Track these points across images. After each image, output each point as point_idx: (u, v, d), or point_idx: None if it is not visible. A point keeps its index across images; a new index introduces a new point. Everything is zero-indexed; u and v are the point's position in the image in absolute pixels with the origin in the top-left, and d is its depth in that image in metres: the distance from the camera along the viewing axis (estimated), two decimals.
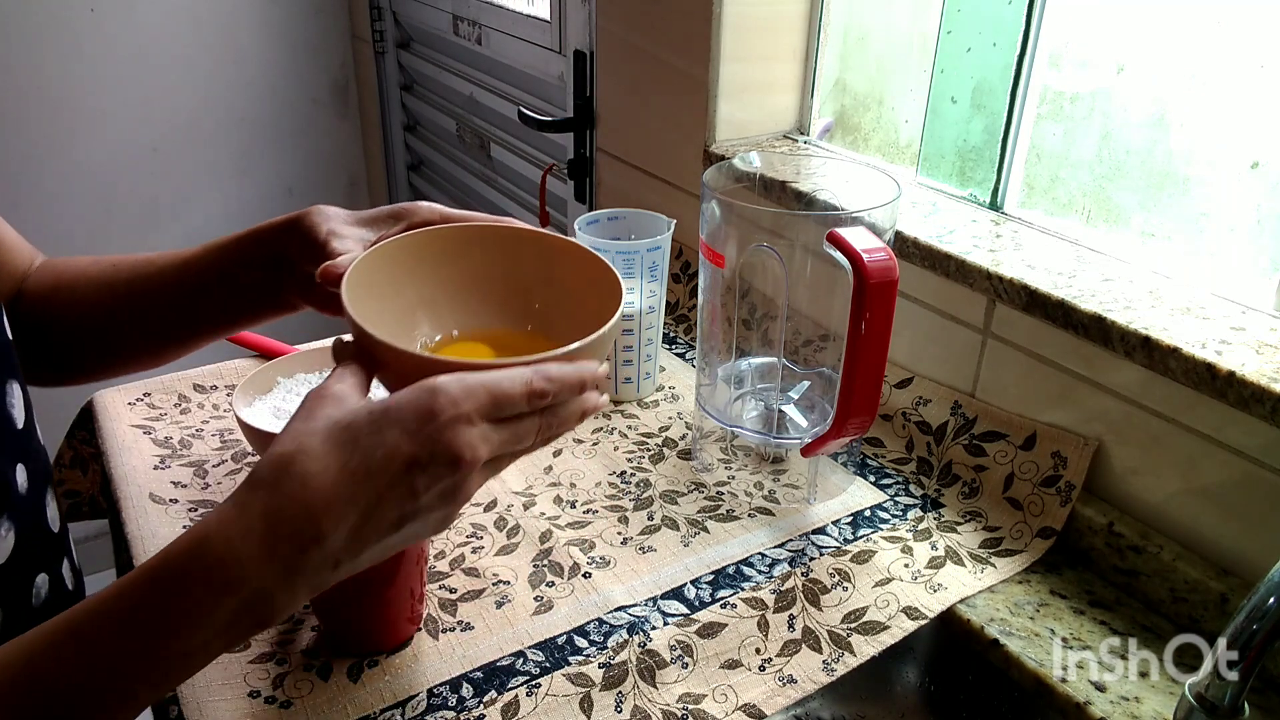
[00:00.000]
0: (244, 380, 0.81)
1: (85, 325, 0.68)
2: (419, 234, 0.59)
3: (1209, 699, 0.53)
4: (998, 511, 0.78)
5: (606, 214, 0.94)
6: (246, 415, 0.78)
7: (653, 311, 0.92)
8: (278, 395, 0.84)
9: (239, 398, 0.80)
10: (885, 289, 0.64)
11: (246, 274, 0.64)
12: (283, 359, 0.87)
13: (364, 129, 2.21)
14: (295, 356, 0.87)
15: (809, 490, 0.80)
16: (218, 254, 0.64)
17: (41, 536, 0.61)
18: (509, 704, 0.61)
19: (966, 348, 0.83)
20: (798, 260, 0.76)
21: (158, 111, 1.94)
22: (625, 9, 1.18)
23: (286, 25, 2.04)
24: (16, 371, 0.60)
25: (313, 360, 0.88)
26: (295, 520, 0.42)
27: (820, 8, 1.04)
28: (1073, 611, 0.69)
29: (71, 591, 0.65)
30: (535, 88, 1.52)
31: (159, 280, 0.66)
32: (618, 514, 0.78)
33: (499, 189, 1.74)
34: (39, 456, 0.62)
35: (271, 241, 0.62)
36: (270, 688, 0.61)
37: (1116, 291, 0.72)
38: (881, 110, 1.03)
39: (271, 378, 0.84)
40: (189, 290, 0.65)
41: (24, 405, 0.60)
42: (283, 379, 0.85)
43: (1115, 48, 0.79)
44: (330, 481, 0.43)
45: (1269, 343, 0.64)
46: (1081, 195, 0.83)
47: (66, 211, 1.90)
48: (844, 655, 0.66)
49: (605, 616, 0.67)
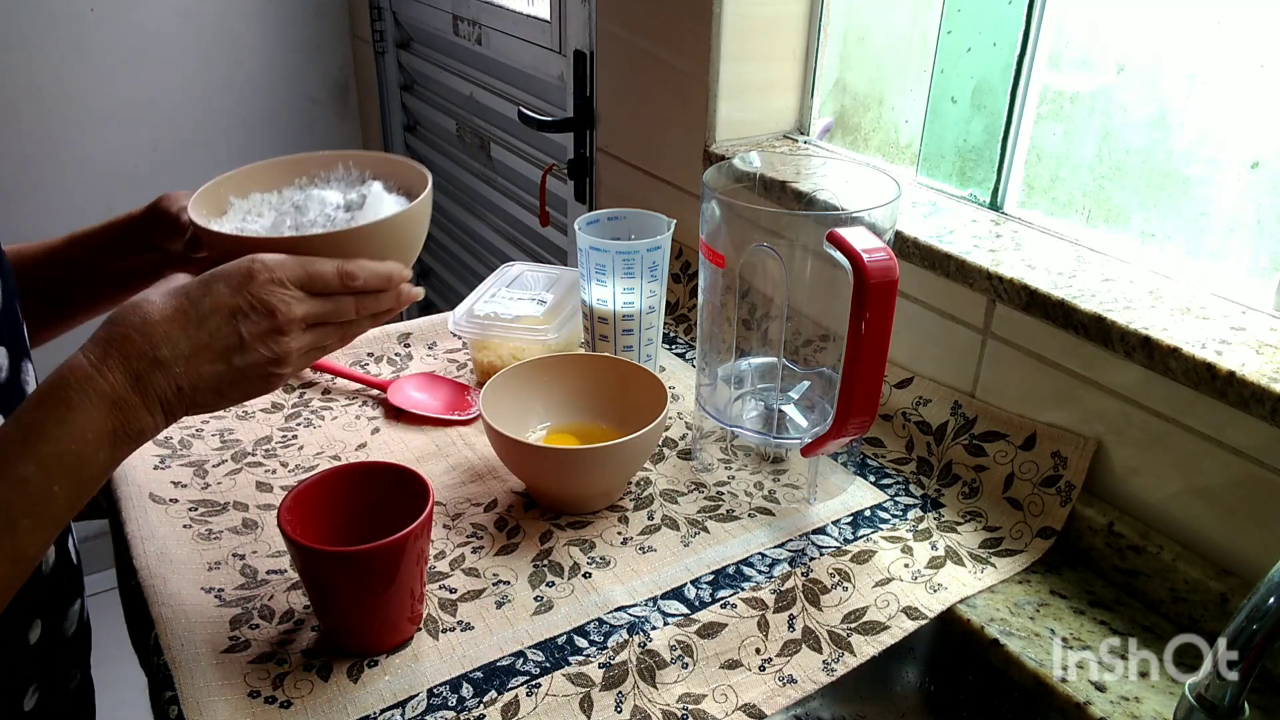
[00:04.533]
0: (192, 199, 0.65)
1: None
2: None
3: (1209, 699, 0.53)
4: (998, 511, 0.78)
5: (606, 214, 0.94)
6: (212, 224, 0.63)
7: (653, 311, 0.92)
8: (234, 216, 0.67)
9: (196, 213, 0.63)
10: (885, 289, 0.64)
11: (114, 263, 0.73)
12: (236, 173, 0.70)
13: (364, 129, 2.21)
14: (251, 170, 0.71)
15: (809, 490, 0.80)
16: (81, 248, 0.73)
17: None
18: (509, 704, 0.61)
19: (966, 348, 0.83)
20: (798, 260, 0.76)
21: (158, 111, 1.94)
22: (625, 9, 1.18)
23: (286, 25, 2.04)
24: (29, 352, 0.65)
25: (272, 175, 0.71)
26: (134, 340, 0.52)
27: (820, 8, 1.04)
28: (1073, 611, 0.69)
29: (76, 566, 0.70)
30: (535, 88, 1.52)
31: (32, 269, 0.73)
32: (618, 514, 0.78)
33: (499, 189, 1.74)
34: None
35: (131, 234, 0.72)
36: (270, 688, 0.61)
37: (1116, 291, 0.72)
38: (881, 110, 1.03)
39: (223, 197, 0.68)
40: (56, 279, 0.74)
41: (37, 384, 0.61)
42: (236, 199, 0.69)
43: (1115, 48, 0.79)
44: (164, 318, 0.53)
45: (1269, 343, 0.64)
46: (1081, 195, 0.83)
47: (66, 211, 1.90)
48: (844, 655, 0.66)
49: (605, 616, 0.67)
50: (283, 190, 0.70)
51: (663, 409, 0.76)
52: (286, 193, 0.69)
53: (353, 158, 0.71)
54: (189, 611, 0.67)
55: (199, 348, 0.53)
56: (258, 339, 0.54)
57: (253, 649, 0.64)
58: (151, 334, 0.52)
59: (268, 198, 0.69)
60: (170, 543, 0.73)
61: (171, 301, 0.54)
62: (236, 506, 0.78)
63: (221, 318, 0.54)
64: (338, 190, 0.68)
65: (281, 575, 0.71)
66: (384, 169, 0.71)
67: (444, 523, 0.77)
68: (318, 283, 0.56)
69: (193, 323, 0.53)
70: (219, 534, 0.75)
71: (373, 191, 0.67)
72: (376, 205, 0.65)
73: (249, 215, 0.67)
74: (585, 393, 0.85)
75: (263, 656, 0.63)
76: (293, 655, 0.64)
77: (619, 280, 0.89)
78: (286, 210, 0.66)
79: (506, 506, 0.79)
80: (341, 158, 0.71)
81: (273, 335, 0.55)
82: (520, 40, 1.50)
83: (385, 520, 0.62)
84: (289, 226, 0.64)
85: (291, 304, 0.55)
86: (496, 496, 0.80)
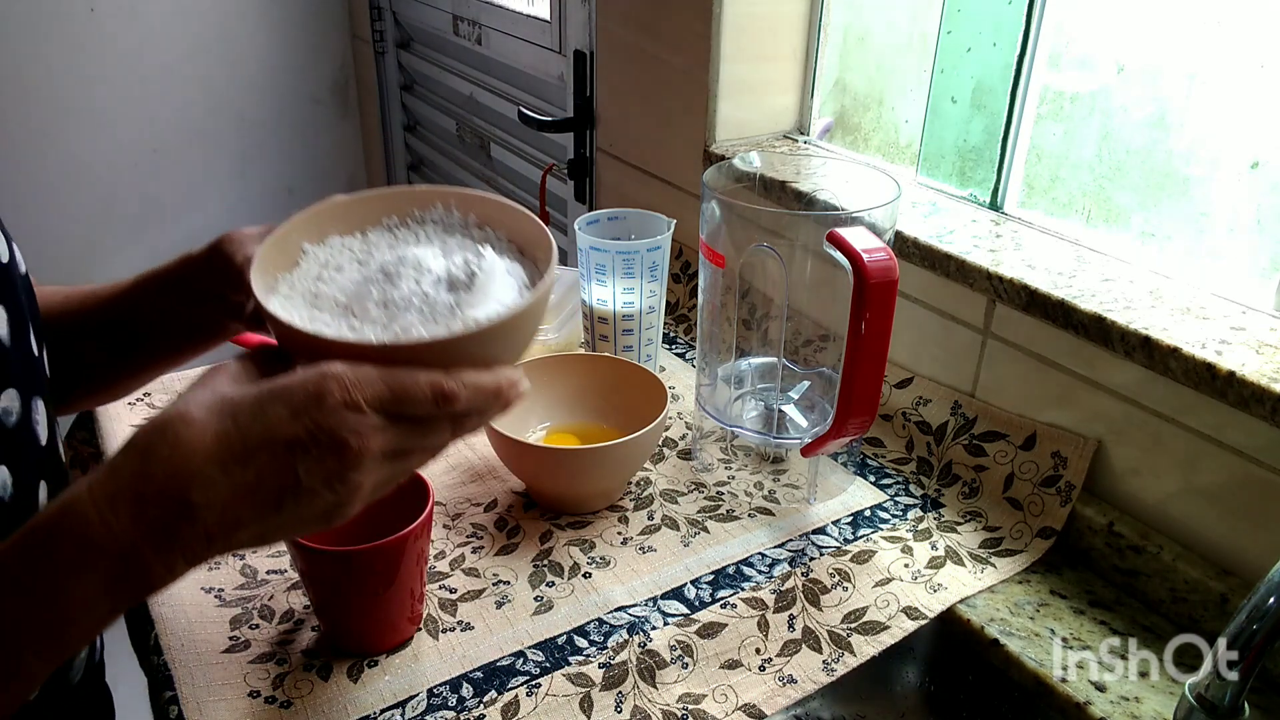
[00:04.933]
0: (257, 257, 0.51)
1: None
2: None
3: (1209, 699, 0.53)
4: (998, 511, 0.78)
5: (606, 214, 0.94)
6: (277, 306, 0.49)
7: (653, 311, 0.92)
8: (309, 269, 0.53)
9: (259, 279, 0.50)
10: (885, 289, 0.64)
11: (180, 310, 0.62)
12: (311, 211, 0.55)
13: (364, 129, 2.21)
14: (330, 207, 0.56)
15: (809, 490, 0.80)
16: (145, 290, 0.62)
17: None
18: (509, 704, 0.61)
19: (966, 348, 0.83)
20: (798, 260, 0.76)
21: (158, 111, 1.93)
22: (625, 9, 1.18)
23: (286, 25, 2.03)
24: (44, 389, 0.57)
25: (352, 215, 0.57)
26: (163, 486, 0.41)
27: (820, 8, 1.04)
28: (1073, 611, 0.69)
29: None
30: (535, 88, 1.52)
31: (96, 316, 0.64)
32: (618, 514, 0.78)
33: (499, 189, 1.74)
34: (61, 474, 0.59)
35: (191, 278, 0.61)
36: (270, 688, 0.61)
37: (1116, 291, 0.72)
38: (881, 110, 1.03)
39: (295, 245, 0.54)
40: (123, 328, 0.63)
41: (47, 423, 0.57)
42: (311, 246, 0.55)
43: (1115, 48, 0.79)
44: (202, 449, 0.41)
45: (1269, 343, 0.64)
46: (1081, 195, 0.83)
47: (66, 211, 1.90)
48: (844, 655, 0.66)
49: (605, 616, 0.67)
50: (368, 233, 0.56)
51: (663, 409, 0.76)
52: (373, 237, 0.56)
53: (454, 197, 0.57)
54: (189, 611, 0.67)
55: (242, 492, 0.41)
56: (319, 480, 0.42)
57: (253, 649, 0.64)
58: (182, 470, 0.41)
59: (348, 243, 0.55)
60: None
61: (214, 423, 0.41)
62: None
63: (275, 453, 0.41)
64: (437, 249, 0.53)
65: (281, 575, 0.71)
66: (490, 215, 0.56)
67: (444, 523, 0.77)
68: (406, 405, 0.43)
69: (237, 458, 0.41)
70: None
71: (485, 265, 0.51)
72: (488, 283, 0.50)
73: (325, 271, 0.53)
74: (585, 393, 0.85)
75: (263, 656, 0.64)
76: (293, 655, 0.64)
77: (619, 280, 0.89)
78: (373, 277, 0.51)
79: (506, 506, 0.79)
80: (440, 195, 0.57)
81: (339, 476, 0.42)
82: (520, 40, 1.50)
83: (385, 520, 0.62)
84: (375, 302, 0.49)
85: (368, 435, 0.42)
86: (496, 496, 0.80)
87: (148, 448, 0.41)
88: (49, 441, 0.58)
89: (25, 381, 0.54)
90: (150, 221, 2.00)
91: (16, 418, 0.52)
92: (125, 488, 0.41)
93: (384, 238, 0.56)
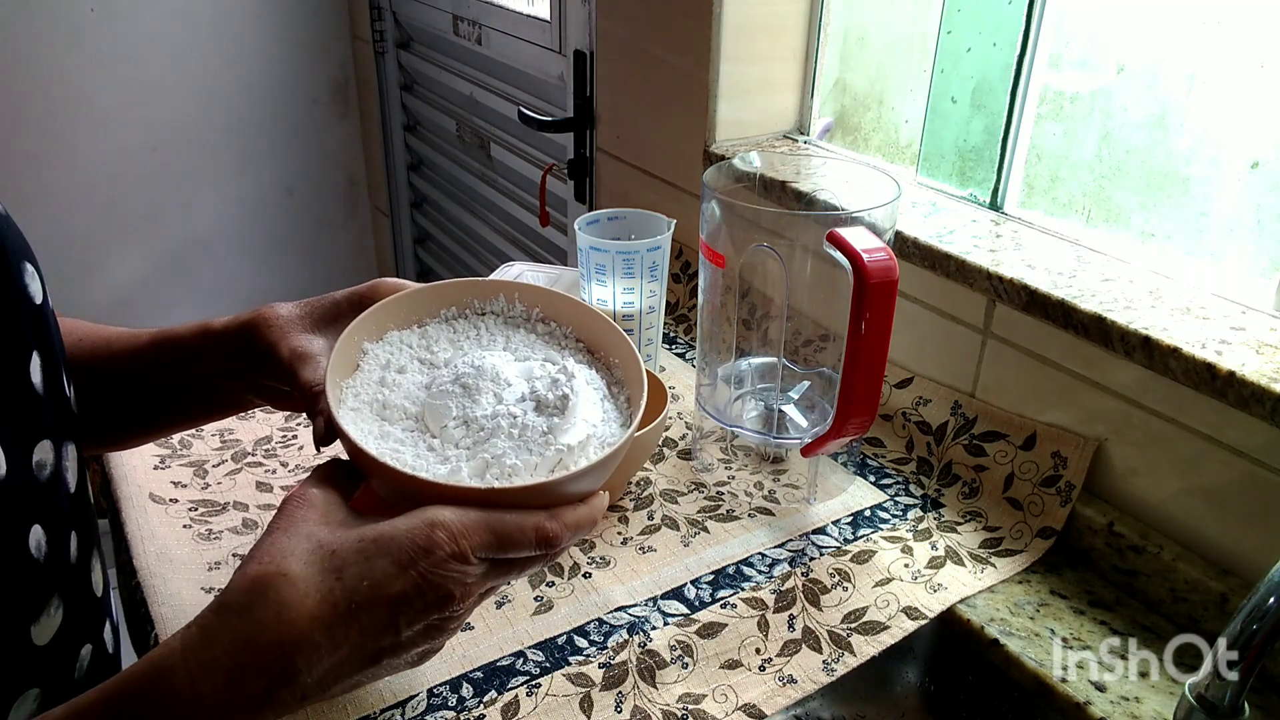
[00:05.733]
0: (330, 365, 0.50)
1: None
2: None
3: (1209, 699, 0.53)
4: (998, 511, 0.78)
5: (606, 214, 0.94)
6: (350, 423, 0.49)
7: (653, 311, 0.92)
8: (370, 371, 0.53)
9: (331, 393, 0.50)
10: (885, 289, 0.64)
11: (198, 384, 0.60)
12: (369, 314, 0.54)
13: (364, 129, 2.21)
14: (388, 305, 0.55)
15: (809, 490, 0.80)
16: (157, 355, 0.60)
17: (87, 605, 0.55)
18: (509, 704, 0.61)
19: (966, 348, 0.83)
20: (798, 260, 0.76)
21: (158, 111, 1.93)
22: (625, 9, 1.18)
23: (286, 25, 2.03)
24: (76, 434, 0.54)
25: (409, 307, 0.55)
26: (266, 655, 0.39)
27: (820, 8, 1.04)
28: (1073, 611, 0.69)
29: (112, 655, 0.59)
30: (535, 88, 1.52)
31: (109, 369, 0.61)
32: (618, 514, 0.78)
33: (499, 189, 1.75)
34: (89, 522, 0.56)
35: (217, 356, 0.58)
36: None
37: (1116, 291, 0.72)
38: (881, 110, 1.03)
39: (356, 347, 0.53)
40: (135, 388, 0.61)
41: (77, 467, 0.54)
42: (370, 345, 0.54)
43: (1115, 48, 0.79)
44: (308, 614, 0.39)
45: (1269, 343, 0.64)
46: (1081, 195, 0.83)
47: (66, 211, 1.90)
48: (844, 655, 0.66)
49: (605, 616, 0.67)
50: (425, 325, 0.54)
51: (663, 409, 0.76)
52: (431, 331, 0.54)
53: (519, 291, 0.54)
54: (189, 611, 0.67)
55: (346, 655, 0.40)
56: (420, 632, 0.41)
57: None
58: (287, 638, 0.38)
59: (406, 339, 0.53)
60: (170, 543, 0.73)
61: (317, 581, 0.39)
62: (236, 506, 0.78)
63: (380, 610, 0.40)
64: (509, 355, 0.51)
65: None
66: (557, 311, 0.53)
67: None
68: (510, 550, 0.43)
69: (342, 620, 0.39)
70: (219, 534, 0.75)
71: (576, 386, 0.49)
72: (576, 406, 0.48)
73: (388, 375, 0.51)
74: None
75: None
76: None
77: (619, 280, 0.89)
78: (448, 389, 0.49)
79: None
80: (504, 288, 0.54)
81: (439, 626, 0.42)
82: (520, 40, 1.50)
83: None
84: (455, 420, 0.48)
85: (472, 583, 0.41)
86: None
87: (248, 610, 0.39)
88: (78, 486, 0.55)
89: (57, 429, 0.52)
90: (150, 221, 2.00)
91: (50, 470, 0.50)
92: (222, 655, 0.39)
93: (443, 331, 0.54)
